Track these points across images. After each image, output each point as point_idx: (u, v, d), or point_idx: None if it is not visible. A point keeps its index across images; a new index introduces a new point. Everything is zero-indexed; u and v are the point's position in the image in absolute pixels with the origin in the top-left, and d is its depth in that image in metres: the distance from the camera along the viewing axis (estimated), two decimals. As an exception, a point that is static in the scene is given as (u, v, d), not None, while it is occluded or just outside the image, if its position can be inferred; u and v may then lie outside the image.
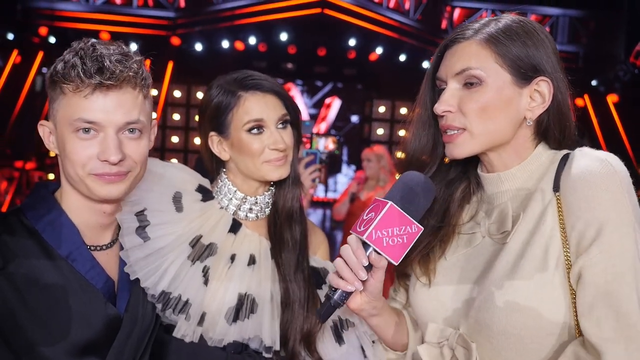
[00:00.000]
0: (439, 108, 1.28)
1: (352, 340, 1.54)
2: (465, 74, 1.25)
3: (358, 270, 1.19)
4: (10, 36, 10.04)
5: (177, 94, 13.18)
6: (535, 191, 1.25)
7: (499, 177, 1.31)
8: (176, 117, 13.41)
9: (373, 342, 1.54)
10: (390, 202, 1.16)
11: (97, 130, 1.22)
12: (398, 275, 1.46)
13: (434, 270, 1.35)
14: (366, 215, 1.19)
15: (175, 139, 13.26)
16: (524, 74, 1.23)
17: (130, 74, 1.21)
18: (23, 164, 9.67)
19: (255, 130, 1.51)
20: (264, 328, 1.44)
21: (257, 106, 1.51)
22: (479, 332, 1.22)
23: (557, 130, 1.27)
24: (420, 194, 1.20)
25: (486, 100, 1.23)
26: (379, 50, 11.41)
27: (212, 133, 1.58)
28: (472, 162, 1.39)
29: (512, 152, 1.30)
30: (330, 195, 13.92)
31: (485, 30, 1.27)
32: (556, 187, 1.20)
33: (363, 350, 1.54)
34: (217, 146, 1.58)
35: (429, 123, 1.38)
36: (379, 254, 1.18)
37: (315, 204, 13.34)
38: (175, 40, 10.94)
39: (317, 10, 10.50)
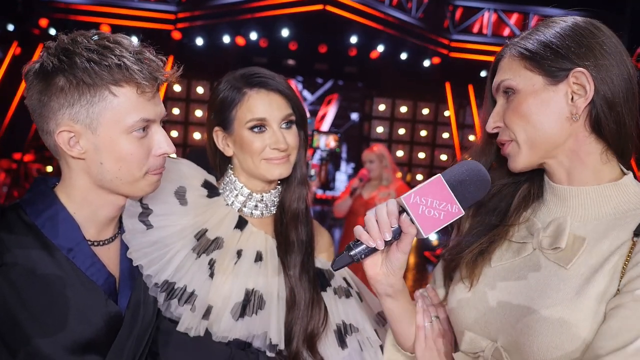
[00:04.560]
0: (487, 127, 1.30)
1: (354, 345, 1.53)
2: (502, 87, 1.26)
3: (384, 229, 1.19)
4: (11, 27, 10.02)
5: (177, 88, 13.15)
6: (611, 226, 1.17)
7: (569, 191, 1.25)
8: (176, 111, 13.38)
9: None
10: (439, 175, 1.17)
11: (148, 127, 1.26)
12: (445, 274, 1.41)
13: (478, 275, 1.31)
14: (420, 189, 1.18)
15: (174, 134, 13.24)
16: (555, 70, 1.19)
17: (162, 67, 1.28)
18: (21, 155, 9.65)
19: (257, 129, 1.50)
20: (271, 325, 1.42)
21: (260, 104, 1.49)
22: (516, 352, 1.18)
23: (611, 123, 1.18)
24: (472, 181, 1.20)
25: (522, 107, 1.21)
26: (380, 48, 11.38)
27: (217, 128, 1.57)
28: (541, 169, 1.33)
29: (575, 160, 1.23)
30: (330, 193, 13.89)
31: (519, 42, 1.26)
32: (638, 231, 1.13)
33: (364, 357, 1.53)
34: (222, 141, 1.57)
35: (492, 135, 1.35)
36: (412, 221, 1.17)
37: (314, 201, 13.32)
38: (176, 35, 10.90)
39: (319, 7, 10.48)
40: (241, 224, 1.54)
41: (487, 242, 1.33)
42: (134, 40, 1.26)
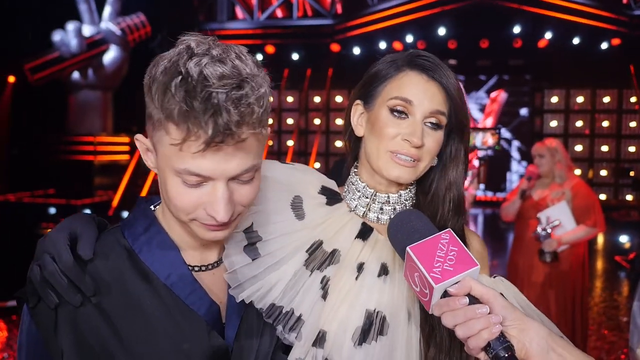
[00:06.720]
0: None
1: None
2: None
3: (475, 313, 0.97)
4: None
5: (338, 99, 13.49)
6: None
7: None
8: (339, 122, 13.72)
9: None
10: (407, 250, 1.05)
11: (205, 180, 1.02)
12: None
13: None
14: (417, 280, 1.07)
15: (338, 144, 13.58)
16: None
17: (252, 119, 0.97)
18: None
19: (397, 113, 1.26)
20: (397, 353, 1.20)
21: (414, 87, 1.26)
22: None
23: None
24: (411, 219, 1.12)
25: None
26: (548, 36, 10.58)
27: (357, 101, 1.35)
28: None
29: None
30: (500, 195, 13.20)
31: None
32: None
33: None
34: (357, 118, 1.35)
35: None
36: (456, 282, 1.01)
37: (477, 204, 12.73)
38: (335, 47, 11.16)
39: None
40: (365, 232, 1.31)
41: None
42: (249, 63, 1.00)
